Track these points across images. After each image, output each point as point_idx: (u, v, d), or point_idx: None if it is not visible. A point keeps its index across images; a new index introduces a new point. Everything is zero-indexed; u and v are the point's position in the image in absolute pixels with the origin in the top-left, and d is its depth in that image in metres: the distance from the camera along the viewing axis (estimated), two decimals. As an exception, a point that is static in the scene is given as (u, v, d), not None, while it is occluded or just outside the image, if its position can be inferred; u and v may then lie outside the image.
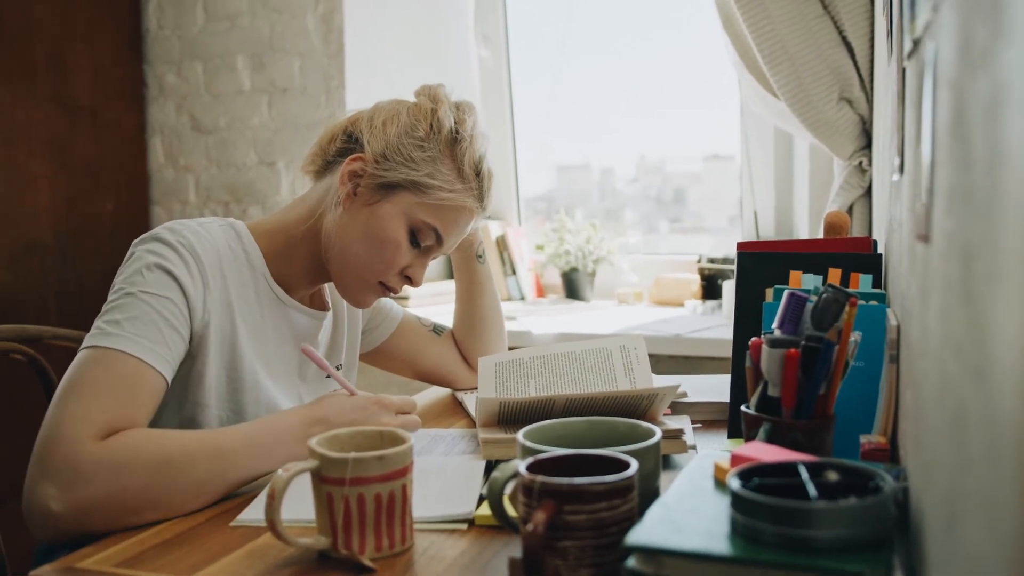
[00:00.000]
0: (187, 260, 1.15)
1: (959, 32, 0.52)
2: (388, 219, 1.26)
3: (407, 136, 1.26)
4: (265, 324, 1.27)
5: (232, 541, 0.94)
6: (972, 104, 0.46)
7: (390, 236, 1.26)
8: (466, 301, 1.60)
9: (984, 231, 0.43)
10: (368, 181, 1.26)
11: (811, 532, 0.66)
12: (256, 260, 1.26)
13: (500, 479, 0.85)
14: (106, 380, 1.04)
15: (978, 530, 0.43)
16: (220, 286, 1.19)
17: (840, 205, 2.02)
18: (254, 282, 1.26)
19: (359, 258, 1.27)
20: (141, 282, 1.12)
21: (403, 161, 1.25)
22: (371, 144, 1.26)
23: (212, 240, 1.20)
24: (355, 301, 1.33)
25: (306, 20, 2.75)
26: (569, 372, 1.33)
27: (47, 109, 2.66)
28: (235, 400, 1.22)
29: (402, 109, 1.30)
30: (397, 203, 1.26)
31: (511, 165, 3.04)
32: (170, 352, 1.11)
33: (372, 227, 1.26)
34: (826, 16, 1.98)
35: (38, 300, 2.63)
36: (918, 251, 0.77)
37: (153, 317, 1.10)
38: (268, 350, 1.27)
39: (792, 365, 0.93)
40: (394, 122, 1.27)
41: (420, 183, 1.25)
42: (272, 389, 1.26)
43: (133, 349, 1.07)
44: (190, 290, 1.14)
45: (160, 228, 1.18)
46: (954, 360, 0.52)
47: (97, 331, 1.08)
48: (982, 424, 0.43)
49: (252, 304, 1.25)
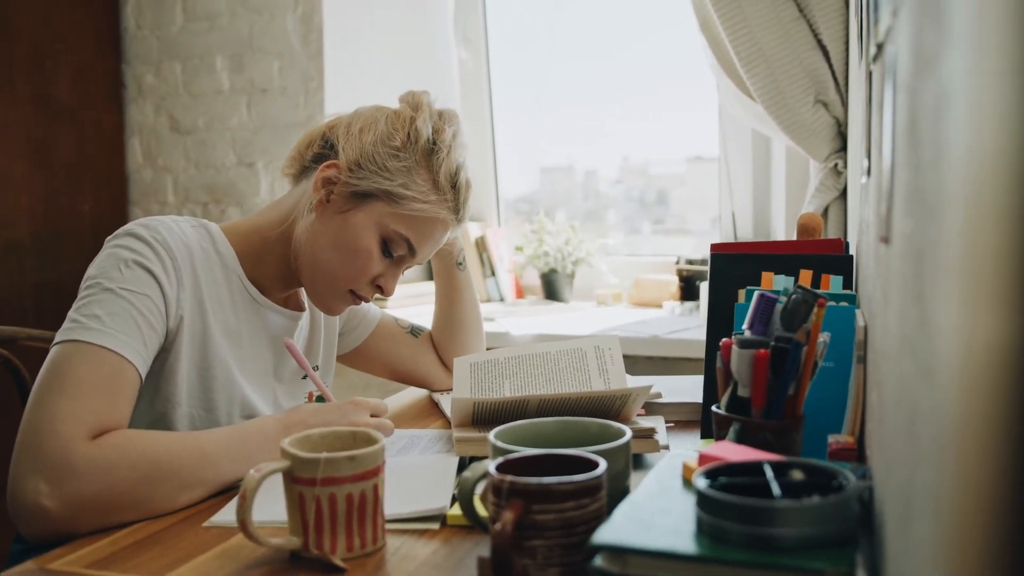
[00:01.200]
0: (162, 257, 1.15)
1: (913, 37, 0.53)
2: (360, 228, 1.25)
3: (383, 145, 1.25)
4: (239, 324, 1.27)
5: (204, 542, 0.94)
6: (922, 108, 0.47)
7: (362, 245, 1.25)
8: (445, 306, 1.60)
9: (931, 231, 0.44)
10: (341, 189, 1.25)
11: (775, 531, 0.67)
12: (230, 260, 1.26)
13: (471, 479, 0.85)
14: (94, 377, 1.04)
15: (926, 525, 0.44)
16: (192, 284, 1.19)
17: (816, 207, 2.04)
18: (227, 282, 1.25)
19: (330, 265, 1.26)
20: (119, 278, 1.11)
21: (377, 170, 1.24)
22: (346, 151, 1.26)
23: (184, 238, 1.20)
24: (326, 308, 1.33)
25: (285, 21, 2.74)
26: (544, 372, 1.34)
27: (26, 109, 2.65)
28: (207, 398, 1.22)
29: (381, 116, 1.29)
30: (370, 212, 1.25)
31: (490, 167, 3.05)
32: (146, 350, 1.11)
33: (344, 236, 1.25)
34: (802, 19, 2.00)
35: (15, 300, 2.62)
36: (881, 252, 0.78)
37: (133, 314, 1.10)
38: (242, 350, 1.27)
39: (762, 366, 0.94)
40: (371, 130, 1.27)
41: (394, 193, 1.24)
42: (246, 388, 1.26)
43: (116, 346, 1.07)
44: (166, 287, 1.14)
45: (133, 224, 1.18)
46: (910, 360, 0.53)
47: (76, 325, 1.08)
48: (930, 422, 0.44)
49: (226, 303, 1.25)
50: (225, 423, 1.23)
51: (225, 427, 1.14)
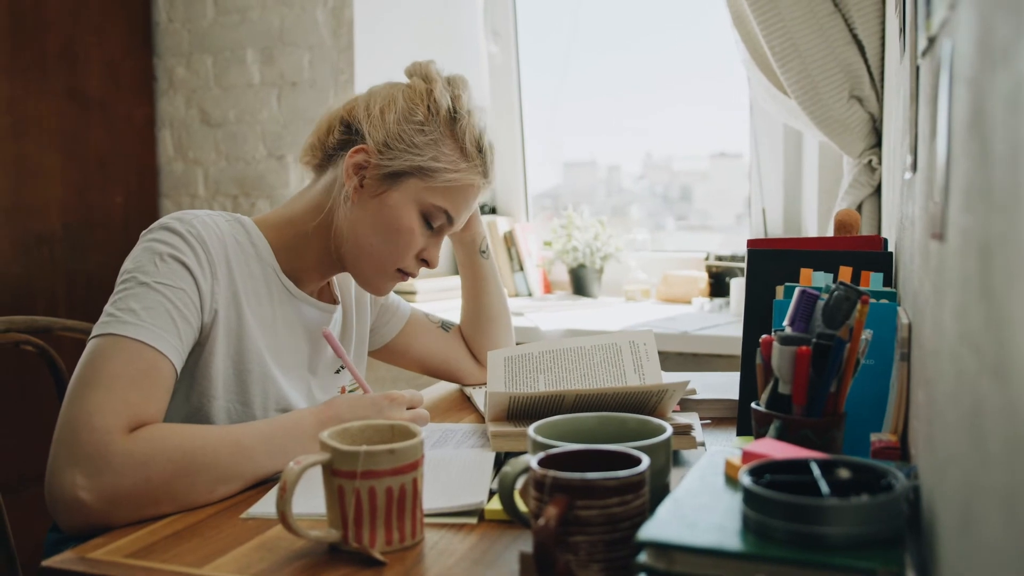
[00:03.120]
0: (197, 250, 1.16)
1: (978, 29, 0.52)
2: (399, 208, 1.26)
3: (407, 122, 1.26)
4: (275, 317, 1.27)
5: (243, 533, 0.94)
6: (992, 100, 0.46)
7: (404, 224, 1.27)
8: (472, 297, 1.60)
9: (1004, 227, 0.43)
10: (373, 172, 1.26)
11: (823, 529, 0.66)
12: (265, 254, 1.26)
13: (511, 474, 0.85)
14: (130, 371, 1.05)
15: (997, 528, 0.43)
16: (227, 277, 1.19)
17: (849, 203, 2.02)
18: (264, 275, 1.26)
19: (374, 248, 1.28)
20: (155, 272, 1.12)
21: (406, 148, 1.25)
22: (372, 135, 1.26)
23: (219, 231, 1.20)
24: (375, 290, 1.34)
25: (316, 14, 2.75)
26: (579, 367, 1.33)
27: (58, 102, 2.67)
28: (242, 392, 1.22)
29: (397, 93, 1.29)
30: (405, 190, 1.26)
31: (519, 161, 3.04)
32: (182, 344, 1.12)
33: (384, 217, 1.26)
34: (837, 14, 1.98)
35: (48, 291, 2.64)
36: (932, 249, 0.77)
37: (168, 308, 1.10)
38: (278, 343, 1.27)
39: (803, 362, 0.93)
40: (391, 108, 1.27)
41: (425, 168, 1.26)
42: (281, 381, 1.26)
43: (152, 340, 1.07)
44: (201, 281, 1.15)
45: (168, 218, 1.18)
46: (971, 357, 0.52)
47: (112, 319, 1.08)
48: (1001, 422, 0.43)
49: (262, 297, 1.25)
50: (261, 416, 1.23)
51: (261, 420, 1.14)
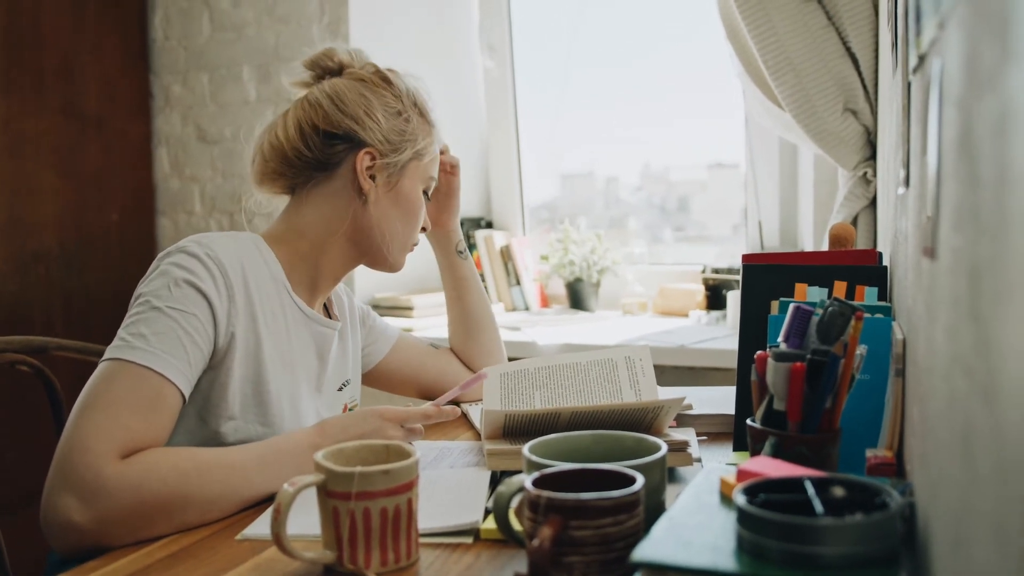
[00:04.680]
0: (214, 274, 1.16)
1: (965, 51, 0.52)
2: (411, 192, 1.36)
3: (394, 117, 1.33)
4: (289, 335, 1.27)
5: (238, 555, 0.94)
6: (979, 124, 0.46)
7: (417, 205, 1.37)
8: (455, 300, 1.62)
9: (992, 250, 0.43)
10: (381, 168, 1.31)
11: (818, 548, 0.66)
12: (277, 273, 1.27)
13: (506, 494, 0.85)
14: (132, 397, 1.05)
15: (986, 549, 0.43)
16: (244, 299, 1.19)
17: (844, 216, 2.02)
18: (278, 294, 1.26)
19: (399, 233, 1.36)
20: (168, 297, 1.12)
21: (404, 139, 1.33)
22: (370, 136, 1.30)
23: (239, 253, 1.21)
24: (396, 267, 1.40)
25: (312, 30, 2.75)
26: (574, 383, 1.33)
27: (54, 119, 2.67)
28: (263, 413, 1.22)
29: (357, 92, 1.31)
30: (411, 175, 1.35)
31: (515, 175, 3.04)
32: (191, 370, 1.12)
33: (403, 205, 1.35)
34: (831, 27, 1.98)
35: (44, 309, 2.64)
36: (924, 266, 0.77)
37: (179, 334, 1.10)
38: (294, 361, 1.28)
39: (798, 379, 0.93)
40: (374, 108, 1.31)
41: (419, 150, 1.35)
42: (300, 400, 1.28)
43: (159, 366, 1.07)
44: (216, 305, 1.15)
45: (187, 241, 1.19)
46: (962, 378, 0.52)
47: (122, 343, 1.09)
48: (990, 443, 0.43)
49: (277, 316, 1.25)
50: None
51: (255, 442, 1.15)
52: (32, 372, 1.50)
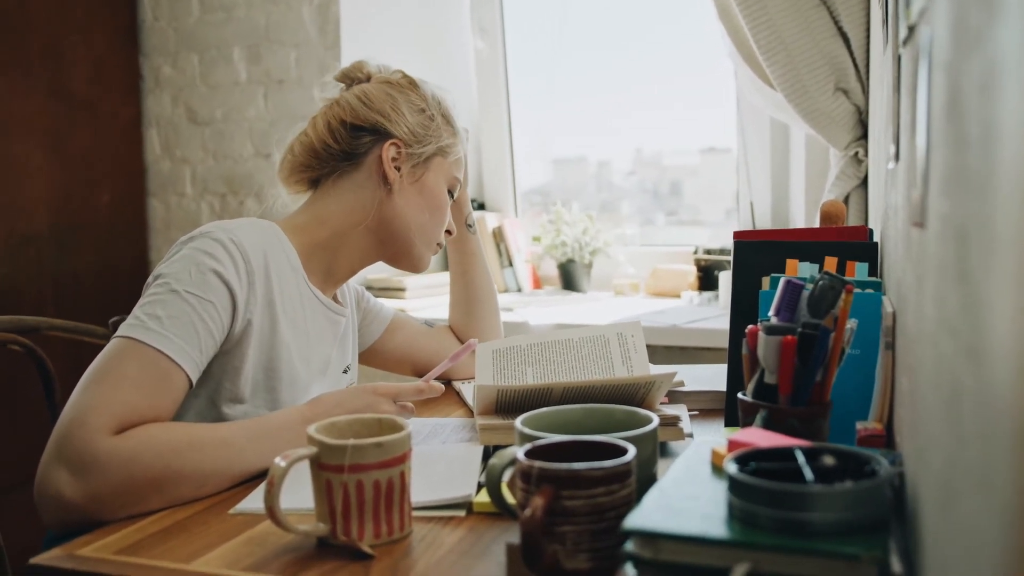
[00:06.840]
0: (236, 260, 1.16)
1: (954, 14, 0.52)
2: (436, 187, 1.38)
3: (419, 113, 1.37)
4: (307, 323, 1.29)
5: (231, 529, 0.95)
6: (966, 85, 0.47)
7: (442, 200, 1.40)
8: (460, 275, 1.62)
9: (979, 211, 0.43)
10: (406, 161, 1.34)
11: (808, 515, 0.67)
12: (295, 261, 1.29)
13: (498, 465, 0.85)
14: (139, 376, 1.05)
15: (974, 506, 0.43)
16: (264, 287, 1.20)
17: (836, 195, 2.03)
18: (296, 282, 1.28)
19: (424, 227, 1.38)
20: (188, 281, 1.12)
21: (428, 134, 1.36)
22: (397, 130, 1.34)
23: (261, 241, 1.22)
24: (421, 266, 1.42)
25: (302, 11, 2.74)
26: (567, 359, 1.34)
27: (43, 101, 2.65)
28: (271, 398, 1.23)
29: (385, 92, 1.37)
30: (436, 171, 1.38)
31: (507, 157, 3.04)
32: (201, 356, 1.12)
33: (427, 198, 1.37)
34: (822, 6, 1.98)
35: (34, 291, 2.63)
36: (913, 237, 0.77)
37: (193, 319, 1.11)
38: (309, 348, 1.29)
39: (789, 352, 0.93)
40: (401, 104, 1.35)
41: (444, 147, 1.39)
42: (311, 385, 1.29)
43: (170, 350, 1.08)
44: (236, 291, 1.15)
45: (211, 226, 1.20)
46: (949, 341, 0.52)
47: (137, 322, 1.09)
48: (977, 402, 0.43)
49: (295, 303, 1.27)
50: None
51: (250, 418, 1.15)
52: (24, 352, 1.49)
